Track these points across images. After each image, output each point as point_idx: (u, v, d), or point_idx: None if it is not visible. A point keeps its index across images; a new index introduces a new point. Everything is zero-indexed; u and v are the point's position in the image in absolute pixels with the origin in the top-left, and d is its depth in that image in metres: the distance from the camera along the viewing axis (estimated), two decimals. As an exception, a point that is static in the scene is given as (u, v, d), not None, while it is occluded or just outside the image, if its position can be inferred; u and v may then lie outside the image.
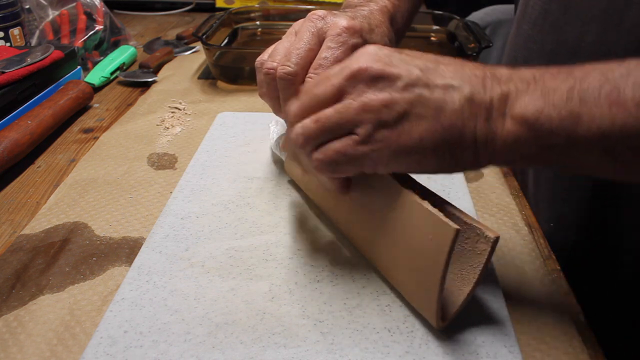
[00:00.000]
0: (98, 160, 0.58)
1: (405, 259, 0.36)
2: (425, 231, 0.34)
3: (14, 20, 0.78)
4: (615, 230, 0.52)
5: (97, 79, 0.76)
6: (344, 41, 0.40)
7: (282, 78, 0.39)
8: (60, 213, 0.49)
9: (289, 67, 0.39)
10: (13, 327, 0.37)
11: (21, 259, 0.43)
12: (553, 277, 0.42)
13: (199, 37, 0.76)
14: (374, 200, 0.39)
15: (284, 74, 0.39)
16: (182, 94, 0.74)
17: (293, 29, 0.43)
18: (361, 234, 0.42)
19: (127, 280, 0.40)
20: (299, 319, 0.37)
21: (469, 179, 0.54)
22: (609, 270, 0.54)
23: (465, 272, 0.36)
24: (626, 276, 0.52)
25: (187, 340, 0.35)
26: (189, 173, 0.54)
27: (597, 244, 0.54)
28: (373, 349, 0.35)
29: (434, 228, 0.33)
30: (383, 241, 0.38)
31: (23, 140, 0.56)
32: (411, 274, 0.36)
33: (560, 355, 0.35)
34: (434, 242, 0.33)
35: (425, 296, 0.35)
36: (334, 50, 0.40)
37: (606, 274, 0.54)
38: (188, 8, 1.20)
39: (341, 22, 0.41)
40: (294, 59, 0.40)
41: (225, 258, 0.43)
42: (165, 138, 0.62)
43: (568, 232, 0.55)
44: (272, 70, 0.40)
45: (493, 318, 0.37)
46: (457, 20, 0.89)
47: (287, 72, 0.39)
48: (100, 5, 0.87)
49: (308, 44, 0.41)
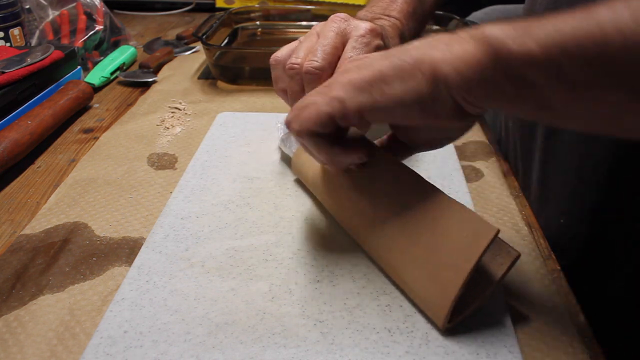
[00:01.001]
0: (98, 161, 0.58)
1: (427, 257, 0.36)
2: (459, 229, 0.35)
3: (14, 20, 0.78)
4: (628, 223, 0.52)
5: (97, 79, 0.76)
6: (368, 42, 0.42)
7: (308, 72, 0.40)
8: (60, 213, 0.49)
9: (316, 61, 0.40)
10: (13, 327, 0.37)
11: (21, 259, 0.43)
12: (553, 277, 0.42)
13: (199, 37, 0.76)
14: (395, 197, 0.39)
15: (311, 68, 0.40)
16: (182, 94, 0.75)
17: (314, 30, 0.45)
18: (371, 230, 0.41)
19: (127, 280, 0.40)
20: (299, 319, 0.37)
21: (469, 179, 0.54)
22: (619, 263, 0.53)
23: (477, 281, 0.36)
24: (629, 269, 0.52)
25: (187, 340, 0.35)
26: (189, 173, 0.54)
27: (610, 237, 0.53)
28: (373, 349, 0.35)
29: (471, 227, 0.34)
30: (400, 238, 0.38)
31: (23, 140, 0.56)
32: (431, 272, 0.36)
33: (560, 355, 0.35)
34: (467, 241, 0.34)
35: (441, 294, 0.35)
36: (358, 51, 0.41)
37: (617, 267, 0.53)
38: (188, 8, 1.20)
39: (364, 24, 0.43)
40: (320, 54, 0.41)
41: (225, 258, 0.43)
42: (165, 138, 0.62)
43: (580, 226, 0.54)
44: (297, 65, 0.41)
45: (493, 318, 0.37)
46: (457, 20, 0.88)
47: (314, 66, 0.40)
48: (100, 5, 0.87)
49: (333, 42, 0.42)
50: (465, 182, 0.53)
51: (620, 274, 0.53)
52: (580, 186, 0.53)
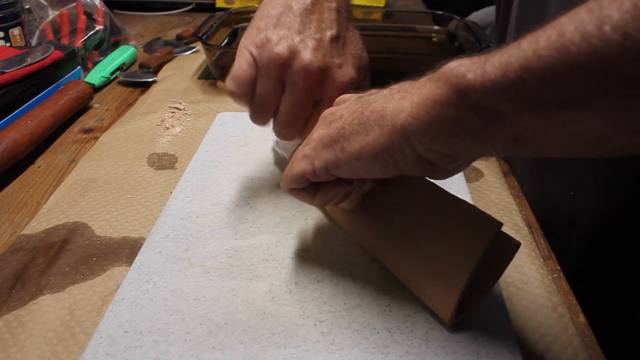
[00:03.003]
0: (98, 160, 0.58)
1: (432, 253, 0.36)
2: (463, 224, 0.35)
3: (14, 21, 0.78)
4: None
5: (97, 79, 0.76)
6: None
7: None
8: (60, 213, 0.49)
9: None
10: (13, 327, 0.37)
11: (21, 259, 0.43)
12: (553, 277, 0.42)
13: (199, 37, 0.76)
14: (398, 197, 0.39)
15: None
16: (182, 94, 0.75)
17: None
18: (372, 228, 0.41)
19: (127, 280, 0.40)
20: (299, 319, 0.37)
21: (469, 179, 0.54)
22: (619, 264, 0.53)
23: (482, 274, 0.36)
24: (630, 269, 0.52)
25: (187, 340, 0.35)
26: (189, 173, 0.54)
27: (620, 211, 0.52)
28: (373, 349, 0.35)
29: (475, 221, 0.35)
30: (404, 235, 0.38)
31: (23, 140, 0.56)
32: (436, 268, 0.36)
33: (560, 355, 0.35)
34: (472, 236, 0.34)
35: (448, 289, 0.35)
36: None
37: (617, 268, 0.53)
38: (188, 8, 1.20)
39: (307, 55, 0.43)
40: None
41: (225, 258, 0.43)
42: (165, 138, 0.62)
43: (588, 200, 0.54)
44: None
45: (493, 318, 0.37)
46: (457, 20, 0.88)
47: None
48: (100, 5, 0.87)
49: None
50: (465, 182, 0.53)
51: (620, 275, 0.53)
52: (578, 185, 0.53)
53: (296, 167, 0.37)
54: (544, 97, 0.24)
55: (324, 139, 0.35)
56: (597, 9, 0.21)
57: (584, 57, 0.22)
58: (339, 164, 0.34)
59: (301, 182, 0.37)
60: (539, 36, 0.23)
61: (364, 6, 1.14)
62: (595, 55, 0.21)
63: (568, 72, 0.22)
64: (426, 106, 0.28)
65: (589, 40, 0.21)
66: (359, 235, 0.43)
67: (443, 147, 0.29)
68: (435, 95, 0.28)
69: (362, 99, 0.35)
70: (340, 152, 0.34)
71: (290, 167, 0.38)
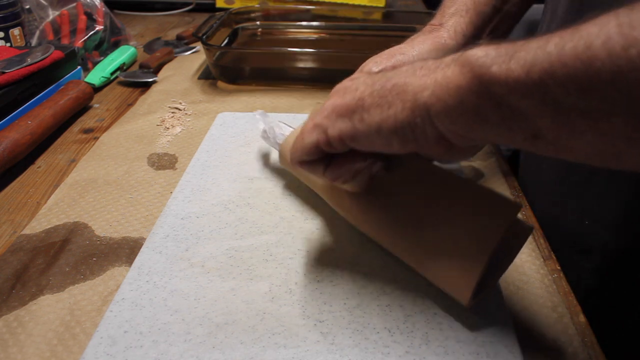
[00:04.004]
0: (98, 161, 0.58)
1: (449, 234, 0.36)
2: (481, 206, 0.36)
3: (14, 21, 0.78)
4: None
5: (97, 79, 0.76)
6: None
7: None
8: (60, 213, 0.49)
9: None
10: (13, 327, 0.37)
11: (21, 259, 0.43)
12: (553, 277, 0.42)
13: (199, 37, 0.76)
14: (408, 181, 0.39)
15: None
16: (182, 94, 0.75)
17: None
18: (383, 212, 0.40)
19: (127, 281, 0.40)
20: (299, 319, 0.37)
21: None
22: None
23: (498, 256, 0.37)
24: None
25: (187, 340, 0.35)
26: (189, 173, 0.54)
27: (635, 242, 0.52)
28: (373, 349, 0.35)
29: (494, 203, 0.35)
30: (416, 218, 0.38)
31: (23, 140, 0.56)
32: (453, 253, 0.36)
33: (560, 356, 0.35)
34: (491, 219, 0.34)
35: (467, 272, 0.35)
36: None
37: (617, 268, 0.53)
38: (188, 8, 1.20)
39: None
40: None
41: (225, 258, 0.43)
42: (165, 138, 0.62)
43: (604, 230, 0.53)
44: None
45: (493, 318, 0.37)
46: (457, 20, 0.88)
47: None
48: (100, 6, 0.87)
49: None
50: (465, 182, 0.53)
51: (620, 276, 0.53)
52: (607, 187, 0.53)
53: (308, 137, 0.35)
54: (565, 104, 0.24)
55: (338, 108, 0.34)
56: (626, 27, 0.22)
57: (608, 75, 0.22)
58: (357, 135, 0.33)
59: (313, 153, 0.36)
60: (566, 42, 0.23)
61: (364, 6, 1.14)
62: (619, 75, 0.22)
63: (590, 85, 0.23)
64: (449, 90, 0.28)
65: (615, 60, 0.22)
66: (365, 221, 0.42)
67: (464, 131, 0.29)
68: (459, 80, 0.28)
69: (379, 74, 0.34)
70: (359, 122, 0.33)
71: (300, 137, 0.36)
